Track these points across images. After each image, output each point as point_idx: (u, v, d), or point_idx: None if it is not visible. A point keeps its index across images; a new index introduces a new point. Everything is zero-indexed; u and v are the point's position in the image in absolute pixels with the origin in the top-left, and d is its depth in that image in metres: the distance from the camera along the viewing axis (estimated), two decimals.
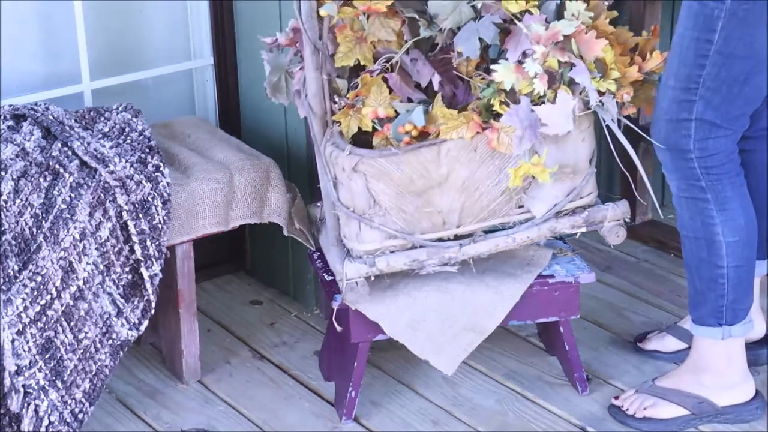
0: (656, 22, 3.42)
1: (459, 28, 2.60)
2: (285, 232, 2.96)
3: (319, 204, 2.91)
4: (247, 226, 3.23)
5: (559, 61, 2.48)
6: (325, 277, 2.82)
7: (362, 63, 2.65)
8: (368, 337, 2.76)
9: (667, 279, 3.42)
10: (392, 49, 2.66)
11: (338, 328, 2.75)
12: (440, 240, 2.67)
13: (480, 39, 2.56)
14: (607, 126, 2.57)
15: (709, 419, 2.76)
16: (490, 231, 2.70)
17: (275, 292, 3.41)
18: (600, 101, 2.53)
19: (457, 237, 2.68)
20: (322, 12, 2.56)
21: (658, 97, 2.62)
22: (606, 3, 2.63)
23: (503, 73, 2.49)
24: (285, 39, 2.77)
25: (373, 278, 2.69)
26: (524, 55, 2.51)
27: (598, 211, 2.74)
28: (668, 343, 3.01)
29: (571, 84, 2.52)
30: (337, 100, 2.64)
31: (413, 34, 2.64)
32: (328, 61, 2.64)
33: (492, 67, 2.52)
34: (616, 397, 2.84)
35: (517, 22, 2.53)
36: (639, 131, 2.76)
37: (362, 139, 2.64)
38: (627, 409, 2.79)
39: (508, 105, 2.53)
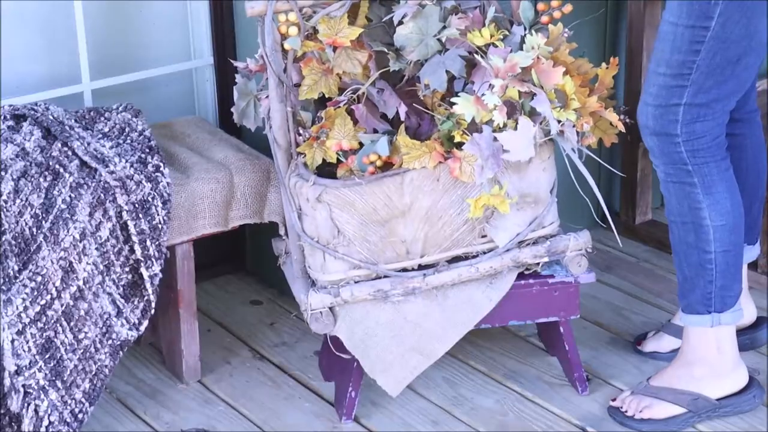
0: (656, 22, 3.43)
1: (426, 60, 2.62)
2: (281, 231, 2.96)
3: (285, 238, 2.92)
4: (246, 226, 3.23)
5: (519, 92, 2.51)
6: None
7: (327, 95, 2.67)
8: None
9: (667, 279, 3.42)
10: (359, 80, 2.68)
11: (344, 356, 2.76)
12: (404, 270, 2.69)
13: (447, 71, 2.59)
14: (568, 155, 2.61)
15: (708, 414, 2.76)
16: (454, 260, 2.71)
17: (275, 292, 3.41)
18: (560, 130, 2.55)
19: (420, 267, 2.70)
20: (286, 45, 2.58)
21: (645, 84, 2.64)
22: (566, 35, 2.65)
23: (463, 106, 2.52)
24: (255, 65, 2.79)
25: (337, 308, 2.70)
26: (490, 86, 2.54)
27: (560, 241, 2.76)
28: (665, 343, 3.01)
29: (533, 114, 2.55)
30: (301, 132, 2.66)
31: (380, 65, 2.66)
32: (293, 94, 2.66)
33: (452, 99, 2.55)
34: (614, 399, 2.84)
35: (481, 55, 2.56)
36: (600, 161, 2.79)
37: (327, 171, 2.66)
38: (626, 411, 2.79)
39: (470, 134, 2.54)
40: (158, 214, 2.75)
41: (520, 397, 2.92)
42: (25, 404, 2.59)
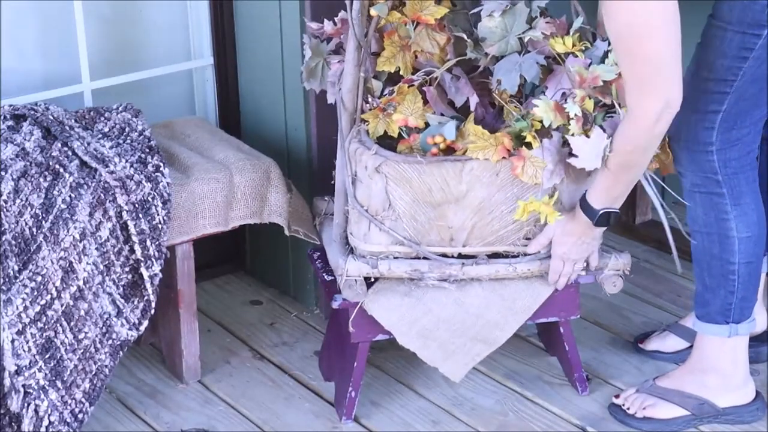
0: None
1: (503, 56, 2.61)
2: (286, 232, 2.96)
3: (326, 198, 2.92)
4: (246, 226, 3.23)
5: (595, 104, 2.49)
6: (325, 277, 2.82)
7: (402, 72, 2.67)
8: (368, 337, 2.76)
9: (667, 279, 3.42)
10: (433, 62, 2.68)
11: (351, 329, 2.75)
12: (444, 255, 2.68)
13: (521, 75, 2.58)
14: None
15: (709, 420, 2.76)
16: (493, 256, 2.70)
17: (275, 292, 3.41)
18: None
19: (460, 255, 2.69)
20: (373, 11, 2.57)
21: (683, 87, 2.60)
22: None
23: (543, 110, 2.50)
24: (331, 29, 2.78)
25: (373, 279, 2.69)
26: (563, 94, 2.52)
27: (600, 258, 2.74)
28: (670, 343, 3.01)
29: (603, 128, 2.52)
30: (369, 100, 2.65)
31: (457, 52, 2.65)
32: (369, 60, 2.65)
33: (533, 101, 2.53)
34: (617, 396, 2.84)
35: (561, 62, 2.54)
36: (662, 184, 2.76)
37: (385, 144, 2.65)
38: (628, 408, 2.79)
39: (539, 137, 2.53)
40: (158, 214, 2.75)
41: (520, 397, 2.92)
42: (25, 404, 2.59)
